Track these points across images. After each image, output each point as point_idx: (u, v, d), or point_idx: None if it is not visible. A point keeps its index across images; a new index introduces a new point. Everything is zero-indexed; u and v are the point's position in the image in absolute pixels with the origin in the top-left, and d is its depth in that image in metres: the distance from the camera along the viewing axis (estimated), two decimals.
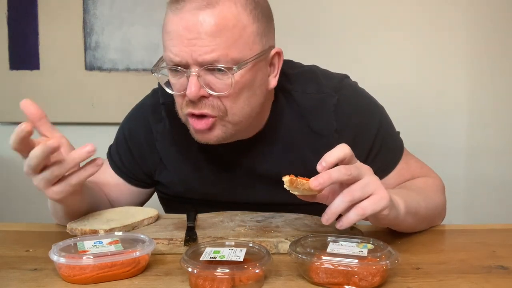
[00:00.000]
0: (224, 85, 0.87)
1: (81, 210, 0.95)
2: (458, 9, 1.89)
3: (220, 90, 0.87)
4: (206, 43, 0.84)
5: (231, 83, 0.86)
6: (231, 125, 0.91)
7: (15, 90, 1.96)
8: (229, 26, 0.85)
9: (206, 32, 0.84)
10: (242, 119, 0.92)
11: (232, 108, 0.90)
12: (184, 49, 0.85)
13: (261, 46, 0.90)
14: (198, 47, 0.84)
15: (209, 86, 0.87)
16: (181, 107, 0.92)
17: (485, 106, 1.93)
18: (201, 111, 0.89)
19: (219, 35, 0.84)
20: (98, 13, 1.93)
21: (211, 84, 0.87)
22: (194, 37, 0.84)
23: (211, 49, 0.84)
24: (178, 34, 0.85)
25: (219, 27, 0.84)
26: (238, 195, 1.04)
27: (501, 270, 0.78)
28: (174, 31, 0.86)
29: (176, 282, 0.74)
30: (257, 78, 0.91)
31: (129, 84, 1.93)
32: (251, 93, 0.91)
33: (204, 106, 0.88)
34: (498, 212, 1.93)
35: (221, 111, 0.89)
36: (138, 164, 1.09)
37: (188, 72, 0.86)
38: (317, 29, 1.90)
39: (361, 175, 0.75)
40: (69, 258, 0.73)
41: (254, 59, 0.88)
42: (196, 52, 0.84)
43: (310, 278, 0.73)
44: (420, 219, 0.93)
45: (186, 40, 0.85)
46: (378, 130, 1.03)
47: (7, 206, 2.00)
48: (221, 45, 0.84)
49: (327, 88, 1.02)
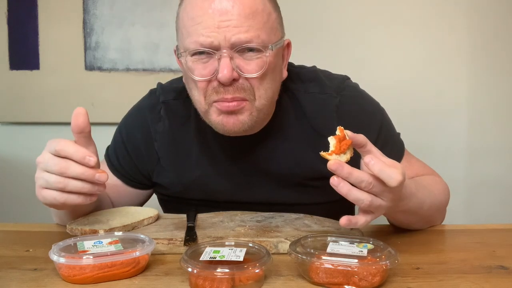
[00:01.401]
0: (255, 67, 0.89)
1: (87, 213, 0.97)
2: (459, 9, 1.89)
3: (251, 72, 0.89)
4: (240, 24, 0.86)
5: (265, 62, 0.89)
6: (256, 112, 0.93)
7: (15, 90, 1.96)
8: (259, 10, 0.88)
9: (240, 13, 0.86)
10: (266, 103, 0.93)
11: (259, 90, 0.91)
12: (216, 30, 0.86)
13: (280, 33, 0.94)
14: (232, 28, 0.86)
15: (240, 68, 0.88)
16: (205, 95, 0.91)
17: (485, 106, 1.93)
18: (233, 95, 0.89)
19: (251, 17, 0.87)
20: (98, 13, 1.93)
21: (242, 66, 0.88)
22: (227, 18, 0.86)
23: (245, 30, 0.86)
24: (209, 17, 0.86)
25: (251, 9, 0.87)
26: (239, 194, 1.04)
27: (501, 270, 0.78)
28: (203, 14, 0.87)
29: (176, 282, 0.74)
30: (278, 64, 0.95)
31: (129, 84, 1.93)
32: (273, 77, 0.93)
33: (235, 91, 0.89)
34: (498, 212, 1.93)
35: (251, 93, 0.91)
36: (136, 166, 1.09)
37: (219, 54, 0.87)
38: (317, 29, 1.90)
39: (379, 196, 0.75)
40: (69, 258, 0.73)
41: (279, 43, 0.92)
42: (230, 33, 0.86)
43: (310, 278, 0.73)
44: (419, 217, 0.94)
45: (218, 21, 0.86)
46: (379, 130, 1.03)
47: (7, 206, 2.00)
48: (254, 27, 0.87)
49: (329, 89, 1.03)
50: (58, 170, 0.79)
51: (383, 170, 0.73)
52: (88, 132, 0.83)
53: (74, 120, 0.82)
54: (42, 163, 0.80)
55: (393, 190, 0.76)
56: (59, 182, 0.79)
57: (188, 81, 0.95)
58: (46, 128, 1.96)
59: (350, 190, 0.74)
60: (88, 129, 0.83)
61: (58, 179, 0.79)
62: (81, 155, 0.78)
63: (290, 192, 1.04)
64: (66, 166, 0.79)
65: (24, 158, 1.99)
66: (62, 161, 0.79)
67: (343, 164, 0.73)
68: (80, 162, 0.78)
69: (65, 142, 0.79)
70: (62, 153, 0.79)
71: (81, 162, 0.78)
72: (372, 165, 0.73)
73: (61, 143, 0.79)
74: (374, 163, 0.73)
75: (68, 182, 0.79)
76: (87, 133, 0.83)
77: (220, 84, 0.88)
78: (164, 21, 1.90)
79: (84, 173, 0.79)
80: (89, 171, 0.79)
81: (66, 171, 0.79)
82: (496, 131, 1.94)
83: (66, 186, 0.79)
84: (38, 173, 0.81)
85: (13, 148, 2.01)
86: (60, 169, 0.78)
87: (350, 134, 0.76)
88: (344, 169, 0.72)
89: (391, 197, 0.77)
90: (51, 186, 0.80)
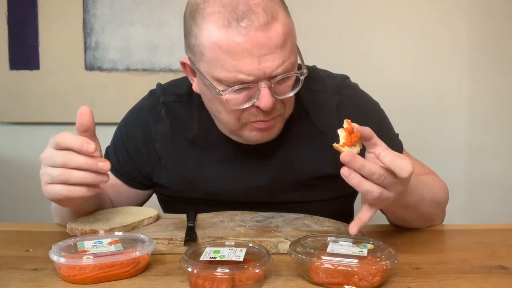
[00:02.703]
0: (288, 87, 0.90)
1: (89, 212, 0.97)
2: (459, 9, 1.89)
3: (285, 93, 0.90)
4: (277, 57, 0.85)
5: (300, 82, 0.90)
6: (283, 120, 0.96)
7: (15, 90, 1.95)
8: (290, 35, 0.87)
9: (277, 45, 0.85)
10: (291, 111, 0.97)
11: (289, 104, 0.94)
12: (257, 67, 0.84)
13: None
14: (271, 62, 0.85)
15: (276, 94, 0.89)
16: (239, 118, 0.91)
17: (485, 106, 1.93)
18: (272, 116, 0.91)
19: (285, 45, 0.86)
20: (98, 13, 1.93)
21: (278, 91, 0.89)
22: (266, 52, 0.84)
23: (282, 61, 0.86)
24: (249, 53, 0.83)
25: (285, 37, 0.86)
26: (239, 194, 1.04)
27: (501, 270, 0.78)
28: (243, 50, 0.83)
29: (176, 282, 0.74)
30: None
31: (129, 84, 1.93)
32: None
33: (273, 111, 0.90)
34: (498, 212, 1.93)
35: (283, 109, 0.93)
36: (136, 166, 1.09)
37: (259, 85, 0.86)
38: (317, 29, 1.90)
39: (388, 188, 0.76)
40: (69, 258, 0.73)
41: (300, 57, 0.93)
42: (269, 69, 0.85)
43: (310, 278, 0.73)
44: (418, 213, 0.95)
45: (257, 57, 0.84)
46: (378, 130, 1.03)
47: (7, 206, 2.00)
48: (287, 54, 0.87)
49: (330, 87, 1.04)
50: (60, 162, 0.79)
51: (395, 161, 0.74)
52: (92, 130, 0.84)
53: (79, 119, 0.82)
54: (45, 158, 0.81)
55: (403, 182, 0.76)
56: (62, 174, 0.79)
57: (215, 103, 0.93)
58: (46, 128, 1.95)
59: (361, 181, 0.75)
60: (93, 128, 0.83)
61: (61, 171, 0.79)
62: (79, 143, 0.79)
63: (291, 191, 1.04)
64: (69, 156, 0.79)
65: (24, 158, 1.99)
66: (64, 153, 0.79)
67: (356, 156, 0.73)
68: (79, 150, 0.79)
69: (64, 134, 0.80)
70: (62, 144, 0.79)
71: (80, 149, 0.79)
72: (383, 156, 0.74)
73: (61, 135, 0.80)
74: (385, 154, 0.74)
75: (71, 173, 0.79)
76: (92, 132, 0.84)
77: (260, 109, 0.89)
78: (164, 21, 1.90)
79: (87, 162, 0.80)
80: (91, 160, 0.80)
81: (68, 161, 0.79)
82: (496, 131, 1.94)
83: (69, 177, 0.80)
84: (42, 169, 0.82)
85: (13, 148, 2.01)
86: (63, 161, 0.79)
87: (357, 127, 0.76)
88: (358, 161, 0.73)
89: (400, 190, 0.77)
90: (55, 179, 0.80)
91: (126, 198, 1.11)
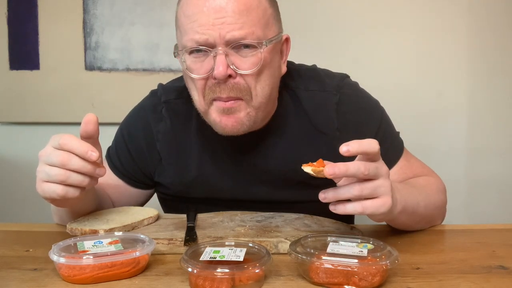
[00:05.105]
0: (250, 64, 0.89)
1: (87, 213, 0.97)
2: (458, 9, 1.89)
3: (247, 68, 0.90)
4: (234, 21, 0.87)
5: (260, 59, 0.89)
6: (254, 111, 0.93)
7: (15, 90, 1.96)
8: (253, 6, 0.89)
9: (234, 10, 0.87)
10: (263, 101, 0.94)
11: (255, 87, 0.92)
12: (211, 28, 0.87)
13: (277, 29, 0.95)
14: (227, 25, 0.87)
15: (235, 65, 0.89)
16: (203, 94, 0.92)
17: (485, 106, 1.93)
18: (228, 95, 0.90)
19: (246, 14, 0.87)
20: (98, 13, 1.93)
21: (237, 63, 0.89)
22: (222, 15, 0.87)
23: (239, 26, 0.87)
24: (204, 14, 0.87)
25: (246, 5, 0.88)
26: (240, 193, 1.05)
27: (501, 270, 0.78)
28: (198, 12, 0.88)
29: (176, 282, 0.74)
30: (275, 59, 0.95)
31: (129, 84, 1.93)
32: (271, 73, 0.94)
33: (230, 90, 0.90)
34: (498, 212, 1.93)
35: (246, 92, 0.91)
36: (137, 166, 1.09)
37: (215, 51, 0.88)
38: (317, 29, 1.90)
39: (377, 175, 0.76)
40: (69, 258, 0.73)
41: (276, 39, 0.93)
42: (224, 30, 0.87)
43: (310, 278, 0.73)
44: (418, 218, 0.94)
45: (213, 19, 0.87)
46: (378, 128, 1.03)
47: (7, 206, 2.00)
48: (248, 23, 0.88)
49: (329, 87, 1.04)
50: (60, 162, 0.79)
51: (361, 143, 0.74)
52: (96, 137, 0.84)
53: (85, 126, 0.83)
54: (44, 156, 0.81)
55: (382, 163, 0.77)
56: (61, 174, 0.80)
57: (188, 80, 0.96)
58: (46, 128, 1.95)
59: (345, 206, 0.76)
60: (97, 135, 0.84)
61: (59, 171, 0.80)
62: (84, 149, 0.79)
63: (290, 190, 1.04)
64: (68, 158, 0.79)
65: (24, 158, 1.99)
66: (64, 154, 0.80)
67: (336, 164, 0.74)
68: (83, 156, 0.79)
69: (69, 137, 0.80)
70: (65, 147, 0.80)
71: (83, 156, 0.79)
72: (351, 147, 0.74)
73: (65, 137, 0.80)
74: (350, 143, 0.74)
75: (70, 175, 0.80)
76: (95, 139, 0.84)
77: (216, 82, 0.89)
78: (164, 21, 1.90)
79: (86, 166, 0.80)
80: (90, 165, 0.81)
81: (68, 163, 0.79)
82: (496, 131, 1.94)
83: (68, 178, 0.80)
84: (39, 166, 0.82)
85: (13, 148, 2.01)
86: (62, 161, 0.79)
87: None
88: (340, 167, 0.73)
89: (386, 170, 0.77)
90: (52, 178, 0.80)
91: (128, 198, 1.11)
